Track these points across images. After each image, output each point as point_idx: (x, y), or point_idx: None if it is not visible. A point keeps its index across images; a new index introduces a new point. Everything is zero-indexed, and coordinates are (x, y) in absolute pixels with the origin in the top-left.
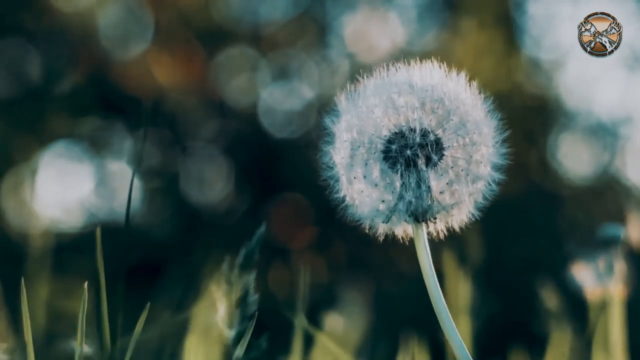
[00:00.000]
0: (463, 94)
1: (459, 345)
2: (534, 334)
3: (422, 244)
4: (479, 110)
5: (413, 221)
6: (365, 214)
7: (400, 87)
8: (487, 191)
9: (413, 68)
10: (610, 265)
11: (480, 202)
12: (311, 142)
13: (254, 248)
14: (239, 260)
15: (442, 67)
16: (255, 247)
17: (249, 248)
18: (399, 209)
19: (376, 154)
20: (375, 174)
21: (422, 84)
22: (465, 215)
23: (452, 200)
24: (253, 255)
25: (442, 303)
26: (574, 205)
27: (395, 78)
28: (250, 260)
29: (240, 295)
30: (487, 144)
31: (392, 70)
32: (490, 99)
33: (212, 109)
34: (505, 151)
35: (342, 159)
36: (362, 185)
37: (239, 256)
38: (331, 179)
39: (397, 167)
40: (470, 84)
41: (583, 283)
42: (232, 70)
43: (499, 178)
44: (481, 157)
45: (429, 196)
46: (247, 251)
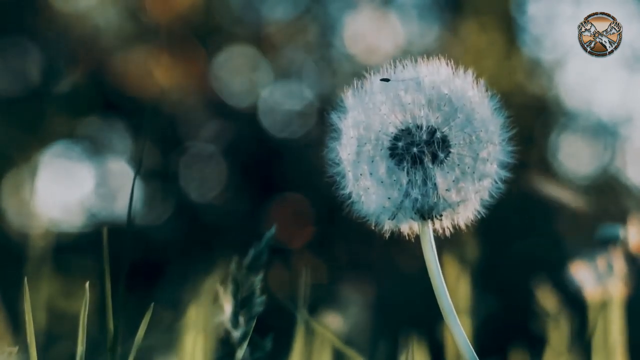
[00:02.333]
0: (470, 92)
1: (464, 343)
2: (533, 334)
3: (427, 241)
4: (486, 108)
5: (419, 218)
6: (371, 210)
7: (407, 84)
8: (494, 189)
9: (420, 65)
10: (610, 265)
11: (486, 200)
12: (311, 142)
13: (263, 249)
14: (247, 261)
15: (449, 64)
16: (264, 248)
17: (258, 249)
18: (405, 206)
19: (382, 151)
20: (382, 171)
21: (429, 81)
22: (471, 213)
23: (459, 198)
24: (262, 257)
25: (448, 300)
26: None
27: (402, 75)
28: (259, 261)
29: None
30: (493, 141)
31: (400, 67)
32: (496, 97)
33: (212, 109)
34: (511, 149)
35: (348, 155)
36: (368, 182)
37: (247, 257)
38: (337, 175)
39: (404, 165)
40: (477, 82)
41: (582, 283)
42: (232, 70)
43: (505, 176)
44: (487, 154)
45: (435, 193)
46: (256, 252)
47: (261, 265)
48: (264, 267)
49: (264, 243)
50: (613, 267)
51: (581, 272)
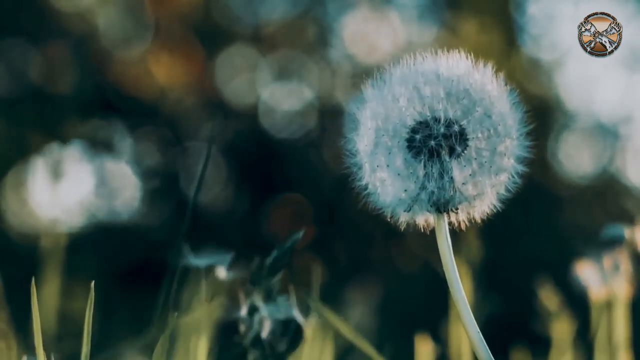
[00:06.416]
0: (489, 86)
1: (477, 337)
2: (536, 333)
3: (443, 234)
4: (504, 103)
5: (435, 211)
6: (387, 202)
7: (427, 77)
8: (510, 183)
9: (440, 58)
10: (615, 265)
11: (502, 194)
12: (311, 142)
13: (287, 250)
14: (268, 262)
15: (469, 58)
16: (288, 249)
17: (281, 250)
18: (421, 198)
19: (400, 143)
20: (399, 163)
21: (449, 74)
22: (487, 207)
23: (475, 192)
24: (285, 258)
25: (462, 294)
26: (574, 205)
27: (422, 67)
28: (281, 262)
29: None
30: (511, 136)
31: (419, 59)
32: (515, 92)
33: (212, 109)
34: (528, 144)
35: (365, 146)
36: (384, 174)
37: (269, 257)
38: (354, 166)
39: (421, 157)
40: (496, 77)
41: (586, 282)
42: (232, 70)
43: (521, 170)
44: (505, 149)
45: (452, 187)
46: (279, 253)
47: (283, 266)
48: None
49: (289, 245)
50: (618, 267)
51: (585, 272)
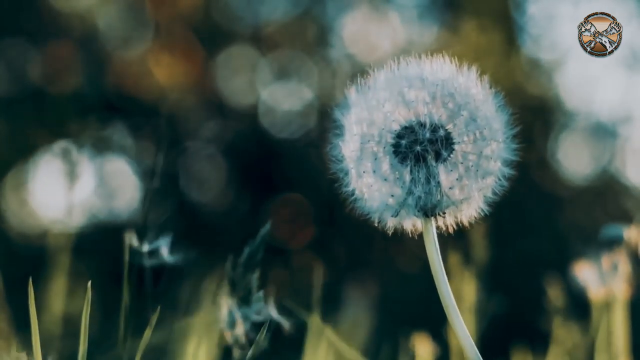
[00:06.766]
0: (474, 89)
1: (467, 341)
2: (537, 333)
3: (431, 239)
4: (490, 106)
5: (422, 216)
6: (374, 207)
7: (411, 81)
8: (497, 187)
9: (424, 62)
10: (614, 265)
11: (489, 198)
12: (311, 142)
13: (258, 247)
14: (242, 259)
15: (453, 62)
16: (259, 245)
17: (253, 247)
18: (408, 203)
19: (386, 148)
20: (385, 168)
21: (433, 78)
22: (474, 211)
23: (462, 196)
24: (257, 254)
25: (451, 298)
26: (574, 205)
27: (406, 72)
28: (254, 259)
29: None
30: (497, 139)
31: (403, 64)
32: (500, 95)
33: (212, 109)
34: (515, 147)
35: (351, 152)
36: (371, 179)
37: (242, 255)
38: (340, 172)
39: (407, 162)
40: (481, 80)
41: (586, 282)
42: (232, 70)
43: (508, 173)
44: (491, 152)
45: (439, 191)
46: (251, 250)
47: (257, 263)
48: (259, 265)
49: (258, 240)
50: (617, 267)
51: (585, 272)
